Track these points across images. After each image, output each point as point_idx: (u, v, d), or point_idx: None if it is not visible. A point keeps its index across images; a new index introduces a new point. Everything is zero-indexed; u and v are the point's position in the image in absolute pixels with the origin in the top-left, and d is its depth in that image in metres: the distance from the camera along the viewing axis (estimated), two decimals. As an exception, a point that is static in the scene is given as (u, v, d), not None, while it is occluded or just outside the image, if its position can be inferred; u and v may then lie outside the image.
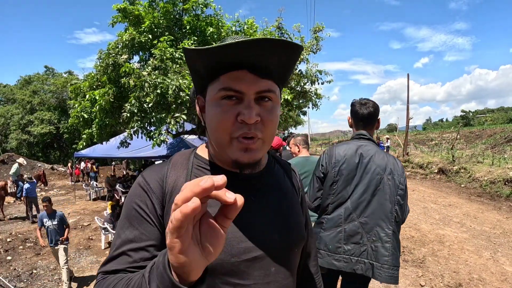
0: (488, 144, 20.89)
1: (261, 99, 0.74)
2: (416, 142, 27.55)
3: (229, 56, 0.68)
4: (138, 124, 6.14)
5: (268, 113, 0.75)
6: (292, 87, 10.86)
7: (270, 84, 0.74)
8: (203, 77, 0.76)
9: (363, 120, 2.31)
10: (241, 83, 0.71)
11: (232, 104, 0.72)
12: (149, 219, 0.76)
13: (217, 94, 0.73)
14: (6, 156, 20.67)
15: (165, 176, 0.81)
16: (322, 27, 10.04)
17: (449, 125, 46.06)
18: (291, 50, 0.69)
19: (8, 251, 7.17)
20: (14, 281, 5.70)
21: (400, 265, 2.12)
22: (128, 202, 0.79)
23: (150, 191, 0.78)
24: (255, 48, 0.65)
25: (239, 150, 0.74)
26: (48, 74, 36.16)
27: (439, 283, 4.24)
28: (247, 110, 0.71)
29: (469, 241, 5.69)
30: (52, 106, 31.14)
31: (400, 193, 2.12)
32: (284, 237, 0.84)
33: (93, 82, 7.29)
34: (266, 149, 0.79)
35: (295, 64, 0.78)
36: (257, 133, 0.73)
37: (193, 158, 0.87)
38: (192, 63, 0.75)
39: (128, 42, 6.73)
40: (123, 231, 0.76)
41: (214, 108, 0.74)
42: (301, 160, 3.67)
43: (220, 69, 0.71)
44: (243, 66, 0.70)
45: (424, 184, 12.66)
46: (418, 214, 7.64)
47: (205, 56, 0.69)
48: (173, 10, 7.28)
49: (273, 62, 0.71)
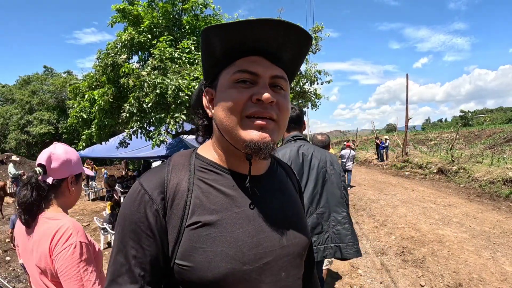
0: (487, 144, 20.90)
1: (275, 87, 0.74)
2: (415, 142, 27.55)
3: (248, 35, 0.68)
4: (137, 124, 6.13)
5: (283, 98, 0.74)
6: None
7: (283, 73, 0.75)
8: (219, 60, 0.75)
9: (294, 122, 2.49)
10: (257, 66, 0.71)
11: (246, 87, 0.71)
12: (151, 234, 0.71)
13: (232, 77, 0.72)
14: (5, 157, 20.60)
15: (166, 180, 0.75)
16: (321, 27, 10.05)
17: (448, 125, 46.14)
18: (306, 40, 0.72)
19: (7, 251, 7.15)
20: (13, 281, 5.68)
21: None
22: (127, 215, 0.72)
23: (151, 199, 0.72)
24: (273, 30, 0.67)
25: (253, 129, 0.70)
26: (47, 74, 36.09)
27: (439, 283, 4.23)
28: (263, 89, 0.70)
29: (469, 241, 5.69)
30: (51, 106, 31.09)
31: (343, 179, 2.42)
32: (292, 241, 0.81)
33: (92, 82, 7.27)
34: (279, 136, 0.76)
35: (304, 58, 0.79)
36: (272, 113, 0.71)
37: (195, 158, 0.81)
38: (210, 45, 0.73)
39: (127, 42, 6.72)
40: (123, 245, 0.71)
41: (227, 90, 0.73)
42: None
43: (237, 52, 0.72)
44: (259, 52, 0.72)
45: (423, 184, 12.66)
46: (417, 214, 7.64)
47: (226, 32, 0.68)
48: (173, 10, 7.27)
49: (288, 51, 0.73)
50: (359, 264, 4.92)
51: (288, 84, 0.77)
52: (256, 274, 0.72)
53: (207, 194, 0.75)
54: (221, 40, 0.70)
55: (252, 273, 0.72)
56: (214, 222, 0.71)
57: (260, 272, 0.73)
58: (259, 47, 0.70)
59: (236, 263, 0.70)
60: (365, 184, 12.69)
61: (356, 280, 4.38)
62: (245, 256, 0.71)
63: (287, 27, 0.66)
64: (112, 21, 7.09)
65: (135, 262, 0.69)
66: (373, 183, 13.04)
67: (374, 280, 4.39)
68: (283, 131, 0.78)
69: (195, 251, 0.69)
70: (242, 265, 0.70)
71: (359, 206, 8.86)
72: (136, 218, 0.71)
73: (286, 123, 0.77)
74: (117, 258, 0.71)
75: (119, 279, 0.70)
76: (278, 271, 0.77)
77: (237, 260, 0.70)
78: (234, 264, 0.70)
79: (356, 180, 13.98)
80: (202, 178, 0.77)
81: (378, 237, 6.16)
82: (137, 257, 0.70)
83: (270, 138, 0.71)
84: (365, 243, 5.88)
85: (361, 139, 39.20)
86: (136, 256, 0.70)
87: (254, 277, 0.72)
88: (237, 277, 0.70)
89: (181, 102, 5.72)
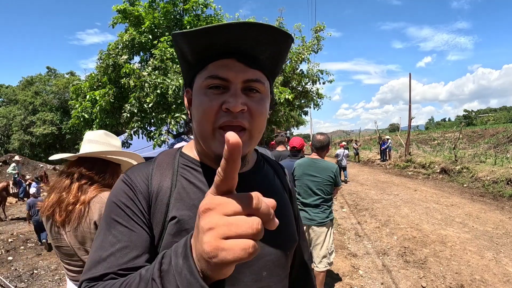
0: (491, 143, 20.79)
1: (249, 90, 0.71)
2: (418, 142, 27.46)
3: (214, 39, 0.66)
4: (138, 124, 6.15)
5: (256, 103, 0.71)
6: (293, 87, 10.85)
7: (259, 75, 0.72)
8: (192, 65, 0.74)
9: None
10: (228, 71, 0.69)
11: (218, 93, 0.69)
12: (137, 218, 0.71)
13: (204, 83, 0.70)
14: (9, 157, 20.71)
15: (150, 177, 0.77)
16: (323, 26, 10.03)
17: (452, 124, 45.99)
18: (281, 39, 0.68)
19: (9, 251, 7.18)
20: (15, 281, 5.70)
21: None
22: (113, 200, 0.73)
23: (136, 188, 0.74)
24: (240, 33, 0.64)
25: (223, 144, 0.69)
26: (50, 75, 36.25)
27: (441, 284, 4.20)
28: (232, 98, 0.67)
29: (472, 242, 5.65)
30: (54, 107, 31.25)
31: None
32: (275, 240, 0.79)
33: (94, 82, 7.30)
34: (253, 144, 0.75)
35: (286, 55, 0.76)
36: (243, 122, 0.69)
37: (179, 157, 0.83)
38: (181, 50, 0.73)
39: (128, 43, 6.74)
40: (109, 230, 0.70)
41: (199, 97, 0.71)
42: (305, 161, 3.63)
43: (208, 56, 0.70)
44: (231, 54, 0.69)
45: (426, 184, 12.60)
46: (420, 214, 7.60)
47: (191, 38, 0.67)
48: (173, 11, 7.28)
49: (263, 52, 0.70)
50: (360, 264, 4.89)
51: (266, 85, 0.74)
52: (234, 272, 0.69)
53: (188, 190, 0.76)
54: (189, 45, 0.69)
55: None
56: (192, 217, 0.71)
57: (238, 270, 0.69)
58: (230, 49, 0.68)
59: None
60: (367, 184, 12.65)
61: (356, 281, 4.36)
62: None
63: (259, 28, 0.63)
64: (113, 22, 7.12)
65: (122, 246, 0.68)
66: (375, 183, 12.99)
67: (375, 281, 4.36)
68: (258, 138, 0.76)
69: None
70: None
71: (361, 206, 8.83)
72: (122, 204, 0.72)
73: (260, 129, 0.74)
74: (104, 239, 0.70)
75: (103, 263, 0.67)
76: (259, 270, 0.75)
77: None
78: None
79: (359, 180, 13.95)
80: (184, 175, 0.78)
81: (379, 238, 6.12)
82: (123, 242, 0.68)
83: None
84: (367, 243, 5.85)
85: (364, 139, 39.15)
86: (122, 241, 0.68)
87: (232, 275, 0.69)
88: None
89: (181, 102, 5.72)
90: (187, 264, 0.45)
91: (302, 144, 4.36)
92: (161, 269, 0.49)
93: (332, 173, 3.46)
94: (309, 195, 3.49)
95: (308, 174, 3.51)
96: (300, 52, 9.99)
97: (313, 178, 3.48)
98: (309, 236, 3.57)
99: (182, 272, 0.46)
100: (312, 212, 3.48)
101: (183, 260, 0.46)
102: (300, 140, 4.37)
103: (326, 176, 3.45)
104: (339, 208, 8.65)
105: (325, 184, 3.45)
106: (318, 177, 3.46)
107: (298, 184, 3.59)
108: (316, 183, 3.46)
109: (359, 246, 5.72)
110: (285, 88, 7.29)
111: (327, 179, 3.45)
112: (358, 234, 6.46)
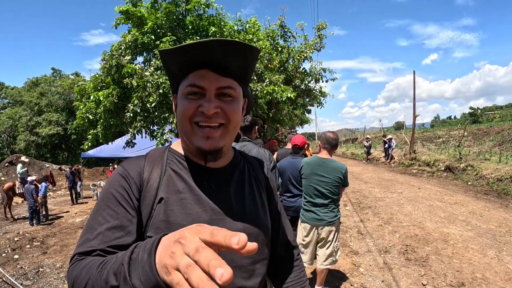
0: (496, 141, 20.62)
1: (222, 96, 0.84)
2: (423, 139, 27.28)
3: (190, 54, 0.79)
4: (141, 123, 6.21)
5: (228, 104, 0.85)
6: (296, 85, 10.84)
7: (231, 82, 0.85)
8: (176, 75, 0.88)
9: (243, 130, 3.34)
10: (204, 80, 0.82)
11: (195, 99, 0.83)
12: (127, 203, 0.83)
13: (185, 90, 0.84)
14: (15, 158, 20.93)
15: (143, 167, 0.90)
16: (325, 25, 10.01)
17: (457, 122, 45.74)
18: (245, 51, 0.80)
19: (15, 250, 7.28)
20: (21, 279, 5.78)
21: None
22: (107, 188, 0.86)
23: (129, 177, 0.86)
24: (210, 49, 0.77)
25: (201, 138, 0.83)
26: (55, 76, 36.51)
27: (442, 282, 4.21)
28: (207, 103, 0.81)
29: (474, 240, 5.64)
30: (59, 107, 31.47)
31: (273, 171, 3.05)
32: (246, 226, 0.92)
33: (98, 83, 7.37)
34: (228, 139, 0.89)
35: (254, 64, 0.89)
36: (218, 120, 0.83)
37: (168, 152, 0.96)
38: (166, 63, 0.87)
39: (131, 43, 6.79)
40: (99, 212, 0.81)
41: (181, 101, 0.85)
42: (314, 160, 3.62)
43: (188, 67, 0.83)
44: (207, 65, 0.81)
45: (430, 182, 12.56)
46: (423, 212, 7.59)
47: (172, 56, 0.81)
48: (176, 11, 7.31)
49: (232, 62, 0.82)
50: (361, 262, 4.91)
51: (237, 90, 0.87)
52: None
53: (174, 178, 0.90)
54: (172, 60, 0.83)
55: None
56: (176, 201, 0.86)
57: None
58: (205, 61, 0.80)
59: None
60: (371, 182, 12.63)
61: (357, 279, 4.38)
62: None
63: (225, 43, 0.75)
64: (116, 23, 7.17)
65: (108, 227, 0.78)
66: (379, 181, 12.97)
67: (375, 279, 4.37)
68: (235, 131, 0.90)
69: (162, 223, 0.83)
70: None
71: (364, 204, 8.83)
72: (114, 190, 0.84)
73: (236, 124, 0.88)
74: (95, 220, 0.80)
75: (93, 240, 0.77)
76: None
77: None
78: None
79: (363, 178, 13.93)
80: (171, 166, 0.92)
81: (382, 236, 6.14)
82: (110, 224, 0.79)
83: (217, 144, 0.84)
84: (369, 241, 5.86)
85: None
86: (109, 223, 0.79)
87: None
88: None
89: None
90: (149, 261, 0.53)
91: (304, 142, 4.38)
92: (131, 257, 0.58)
93: (342, 174, 3.44)
94: (317, 196, 3.49)
95: (317, 174, 3.49)
96: (303, 51, 10.00)
97: (322, 179, 3.46)
98: (319, 236, 3.57)
99: (145, 265, 0.54)
100: (321, 212, 3.49)
101: (147, 256, 0.54)
102: (301, 138, 4.40)
103: (335, 177, 3.43)
104: (342, 206, 8.65)
105: (334, 185, 3.44)
106: (327, 178, 3.44)
107: (306, 184, 3.59)
108: (324, 183, 3.45)
109: (361, 244, 5.74)
110: (287, 87, 7.31)
111: (336, 180, 3.43)
112: (360, 232, 6.48)
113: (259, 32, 8.20)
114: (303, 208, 3.65)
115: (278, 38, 9.84)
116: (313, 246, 3.62)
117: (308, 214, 3.57)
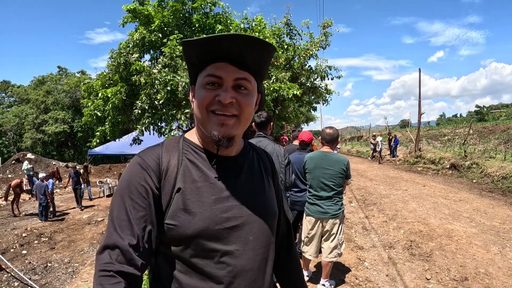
0: (501, 139, 20.52)
1: (238, 88, 0.91)
2: (428, 137, 27.18)
3: (212, 46, 0.86)
4: (149, 120, 6.29)
5: (243, 97, 0.91)
6: (302, 83, 10.88)
7: (246, 75, 0.91)
8: (196, 66, 0.94)
9: (259, 126, 3.46)
10: (222, 71, 0.88)
11: (213, 88, 0.89)
12: (148, 194, 0.87)
13: (203, 80, 0.90)
14: (21, 155, 21.15)
15: (160, 156, 0.94)
16: (331, 22, 10.02)
17: (463, 120, 45.36)
18: (262, 46, 0.88)
19: (23, 245, 7.41)
20: (29, 273, 5.91)
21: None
22: (128, 179, 0.89)
23: (149, 168, 0.90)
24: (231, 42, 0.84)
25: (216, 124, 0.89)
26: (61, 74, 36.76)
27: (445, 276, 4.27)
28: (224, 93, 0.88)
29: (478, 236, 5.69)
30: (65, 105, 31.70)
31: (282, 166, 3.19)
32: (257, 211, 0.98)
33: (105, 81, 7.45)
34: (241, 129, 0.95)
35: (269, 61, 0.96)
36: (233, 110, 0.89)
37: (182, 141, 1.00)
38: (188, 54, 0.94)
39: (138, 41, 6.88)
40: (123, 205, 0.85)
41: (199, 91, 0.92)
42: (317, 155, 3.72)
43: (208, 60, 0.89)
44: (225, 58, 0.88)
45: (435, 179, 12.58)
46: (427, 209, 7.63)
47: (195, 46, 0.88)
48: (182, 9, 7.37)
49: (249, 56, 0.89)
50: (366, 257, 4.98)
51: (252, 83, 0.93)
52: (226, 234, 0.90)
53: (190, 168, 0.94)
54: (195, 51, 0.90)
55: (223, 233, 0.90)
56: (193, 189, 0.91)
57: (229, 232, 0.91)
58: (224, 55, 0.87)
59: (210, 223, 0.88)
60: (376, 180, 12.66)
61: (362, 273, 4.45)
62: (217, 217, 0.89)
63: (244, 38, 0.83)
64: (123, 21, 7.24)
65: (133, 218, 0.84)
66: (384, 178, 12.99)
67: (380, 273, 4.44)
68: (247, 123, 0.96)
69: (179, 212, 0.88)
70: (215, 225, 0.89)
71: (369, 201, 8.88)
72: (136, 182, 0.88)
73: (248, 116, 0.95)
74: (117, 215, 0.85)
75: (120, 232, 0.82)
76: (246, 234, 0.94)
77: (211, 221, 0.88)
78: (208, 224, 0.88)
79: (368, 175, 13.96)
80: (187, 156, 0.97)
81: (386, 231, 6.19)
82: (135, 215, 0.84)
83: (230, 132, 0.90)
84: (374, 237, 5.93)
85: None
86: (134, 214, 0.84)
87: (224, 236, 0.90)
88: (210, 234, 0.88)
89: (191, 99, 5.83)
90: None
91: (310, 138, 4.48)
92: None
93: (344, 166, 3.56)
94: (321, 188, 3.58)
95: (320, 167, 3.59)
96: (308, 49, 10.02)
97: (325, 171, 3.56)
98: (323, 229, 3.66)
99: None
100: (325, 205, 3.57)
101: None
102: (308, 134, 4.50)
103: (338, 169, 3.54)
104: (347, 203, 8.72)
105: (337, 177, 3.55)
106: (330, 170, 3.55)
107: (310, 177, 3.70)
108: (328, 175, 3.55)
109: (366, 240, 5.80)
110: (293, 84, 7.34)
111: (340, 171, 3.54)
112: (365, 228, 6.54)
113: (265, 30, 8.24)
114: (308, 202, 3.74)
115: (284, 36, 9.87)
116: (318, 239, 3.70)
117: (313, 207, 3.65)
